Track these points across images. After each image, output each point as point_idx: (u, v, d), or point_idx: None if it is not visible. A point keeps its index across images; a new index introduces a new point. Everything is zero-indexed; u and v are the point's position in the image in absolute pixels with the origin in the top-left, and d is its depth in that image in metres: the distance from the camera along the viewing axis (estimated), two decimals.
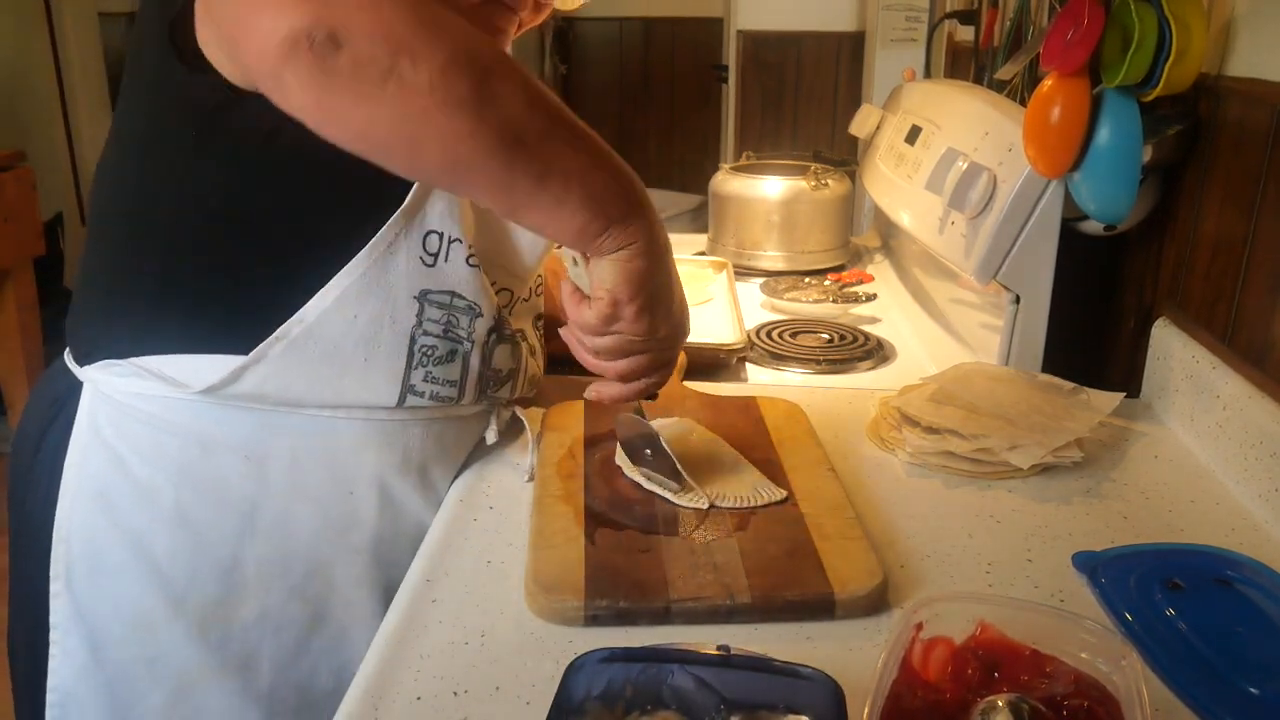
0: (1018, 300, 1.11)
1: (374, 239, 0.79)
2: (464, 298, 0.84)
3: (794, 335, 1.38)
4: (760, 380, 1.25)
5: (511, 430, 0.97)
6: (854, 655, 0.68)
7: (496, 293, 0.89)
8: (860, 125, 1.71)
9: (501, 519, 0.86)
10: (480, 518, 0.86)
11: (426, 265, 0.81)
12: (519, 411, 0.97)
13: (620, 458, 0.90)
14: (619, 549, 0.77)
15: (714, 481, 0.86)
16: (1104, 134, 1.00)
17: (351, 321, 0.79)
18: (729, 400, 1.05)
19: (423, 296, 0.82)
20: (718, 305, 1.47)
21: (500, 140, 0.65)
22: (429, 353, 0.83)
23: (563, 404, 1.03)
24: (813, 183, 1.66)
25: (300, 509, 0.84)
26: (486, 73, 0.64)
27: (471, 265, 0.83)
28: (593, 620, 0.71)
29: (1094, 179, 1.02)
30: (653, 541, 0.78)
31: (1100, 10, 0.98)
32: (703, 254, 1.76)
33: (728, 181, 1.73)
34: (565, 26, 3.76)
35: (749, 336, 1.33)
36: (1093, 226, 1.12)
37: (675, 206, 3.69)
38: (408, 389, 0.83)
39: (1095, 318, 1.27)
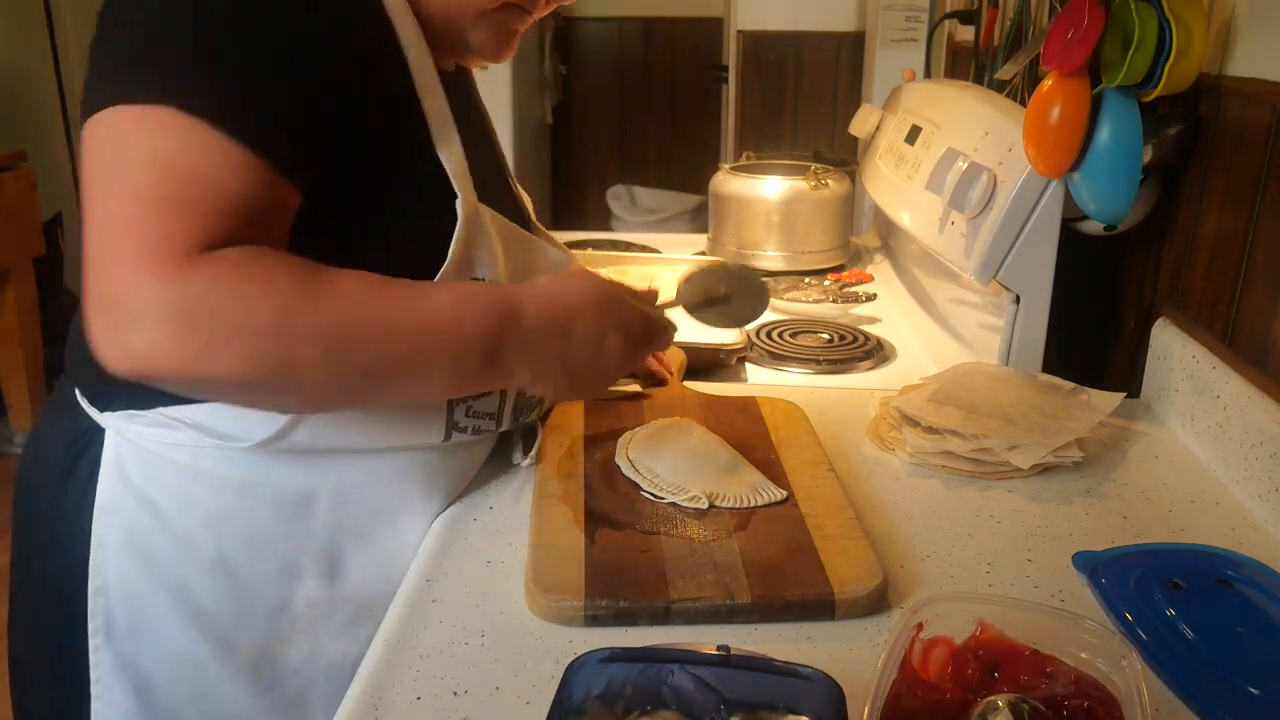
0: (1018, 300, 1.11)
1: None
2: None
3: (794, 335, 1.38)
4: (760, 380, 1.25)
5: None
6: (854, 655, 0.68)
7: None
8: (860, 125, 1.71)
9: (501, 519, 0.86)
10: (480, 518, 0.86)
11: None
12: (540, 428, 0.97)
13: (620, 458, 0.90)
14: (619, 549, 0.77)
15: (714, 481, 0.86)
16: (1104, 134, 1.00)
17: None
18: (729, 400, 1.05)
19: None
20: None
21: (326, 394, 0.68)
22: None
23: (563, 404, 1.03)
24: (813, 183, 1.66)
25: (346, 546, 0.83)
26: (287, 357, 0.63)
27: None
28: (593, 620, 0.71)
29: (1094, 179, 1.02)
30: (653, 541, 0.78)
31: (1100, 10, 0.98)
32: (703, 254, 1.76)
33: (728, 181, 1.73)
34: (565, 26, 3.75)
35: (749, 336, 1.33)
36: (1093, 226, 1.12)
37: (675, 206, 3.70)
38: (452, 426, 0.83)
39: (1095, 318, 1.27)
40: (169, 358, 0.60)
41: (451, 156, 0.78)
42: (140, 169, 0.62)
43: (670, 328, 0.84)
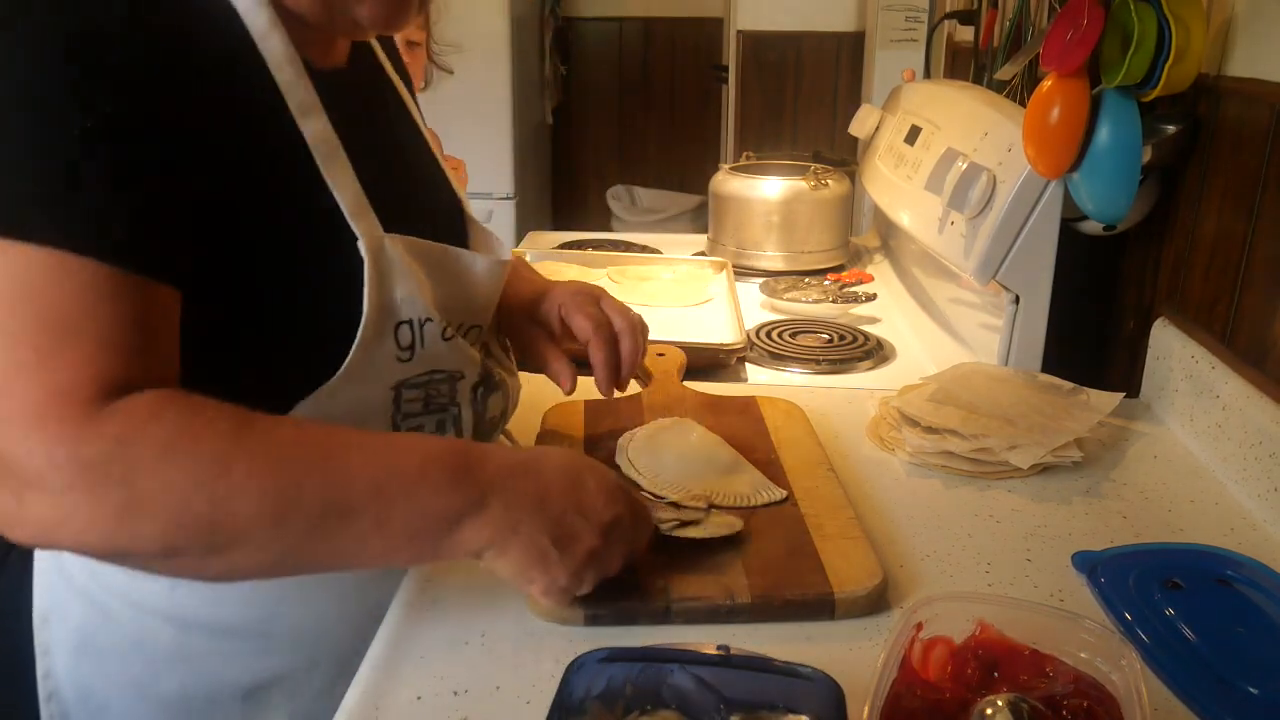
0: (1017, 300, 1.11)
1: (344, 368, 0.70)
2: (443, 370, 0.77)
3: (794, 335, 1.38)
4: (760, 380, 1.25)
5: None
6: (854, 655, 0.68)
7: (466, 333, 0.81)
8: (860, 125, 1.71)
9: None
10: None
11: (403, 361, 0.73)
12: (509, 437, 0.94)
13: (621, 458, 0.90)
14: None
15: (714, 481, 0.86)
16: (1104, 134, 1.00)
17: None
18: (729, 400, 1.05)
19: (399, 387, 0.74)
20: (718, 305, 1.48)
21: (259, 561, 0.60)
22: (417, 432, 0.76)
23: (563, 404, 1.03)
24: (813, 183, 1.66)
25: (318, 608, 0.78)
26: (216, 519, 0.57)
27: (447, 338, 0.76)
28: (593, 620, 0.71)
29: (1093, 179, 1.02)
30: (653, 541, 0.78)
31: (1100, 10, 0.98)
32: (703, 254, 1.76)
33: (728, 181, 1.73)
34: (565, 26, 3.75)
35: (749, 336, 1.33)
36: (1092, 226, 1.12)
37: (675, 206, 3.69)
38: None
39: (1095, 318, 1.27)
40: (81, 528, 0.54)
41: (344, 189, 0.70)
42: (6, 314, 0.56)
43: (648, 523, 0.73)
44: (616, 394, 0.96)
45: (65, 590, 0.77)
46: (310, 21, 0.71)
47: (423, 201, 0.85)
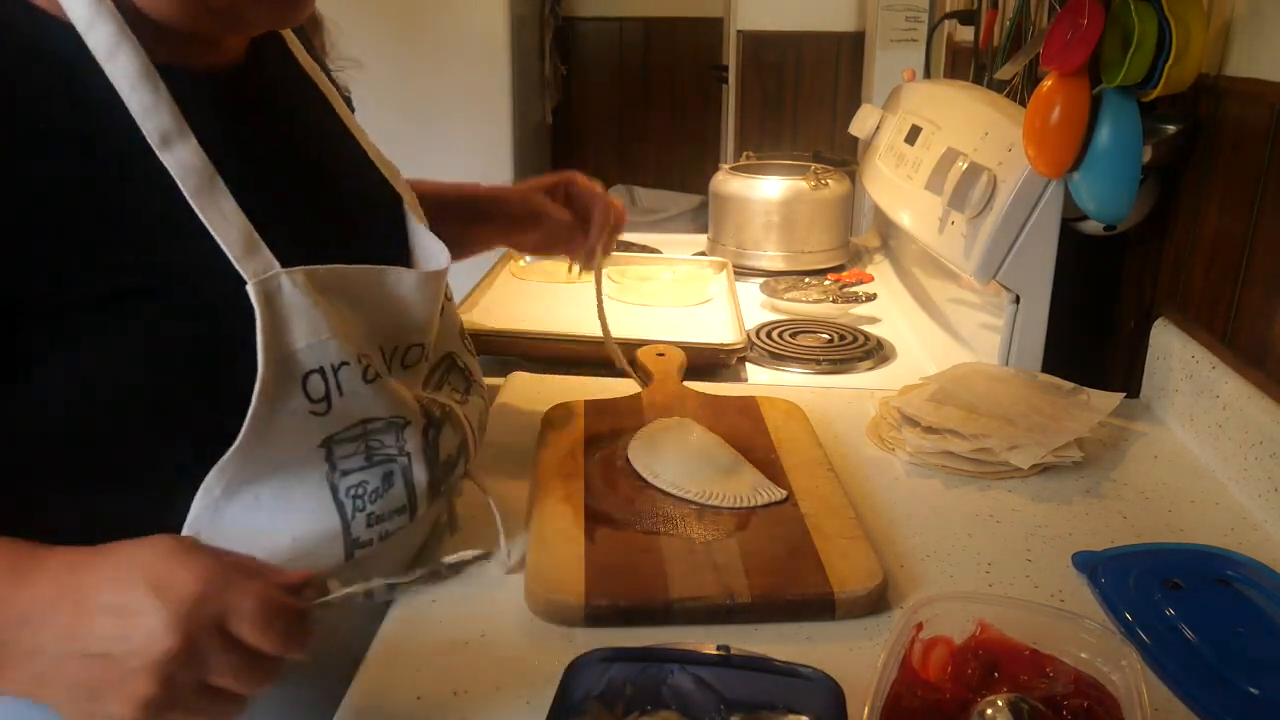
0: (1017, 300, 1.11)
1: (241, 437, 0.62)
2: (379, 418, 0.68)
3: (794, 335, 1.38)
4: (760, 380, 1.25)
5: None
6: (854, 655, 0.68)
7: (405, 354, 0.73)
8: (860, 125, 1.71)
9: (501, 519, 0.86)
10: (480, 517, 0.86)
11: (319, 415, 0.65)
12: (477, 485, 0.83)
13: (635, 453, 0.90)
14: (619, 549, 0.77)
15: (714, 481, 0.86)
16: (1104, 134, 1.00)
17: (254, 507, 0.64)
18: (729, 400, 1.05)
19: (327, 442, 0.66)
20: (718, 305, 1.48)
21: None
22: (360, 492, 0.68)
23: (563, 404, 1.03)
24: (813, 183, 1.66)
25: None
26: None
27: (370, 380, 0.67)
28: (593, 620, 0.71)
29: (1094, 179, 1.02)
30: (653, 541, 0.78)
31: (1100, 10, 0.98)
32: (703, 254, 1.76)
33: (728, 181, 1.73)
34: (565, 26, 3.75)
35: (749, 336, 1.33)
36: (1092, 226, 1.12)
37: (675, 206, 3.69)
38: (353, 545, 0.68)
39: (1095, 318, 1.27)
40: None
41: (225, 224, 0.61)
42: None
43: (294, 632, 0.53)
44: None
45: None
46: (180, 29, 0.63)
47: (349, 210, 0.76)
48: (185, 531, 0.62)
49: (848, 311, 1.48)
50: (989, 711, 0.55)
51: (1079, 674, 0.59)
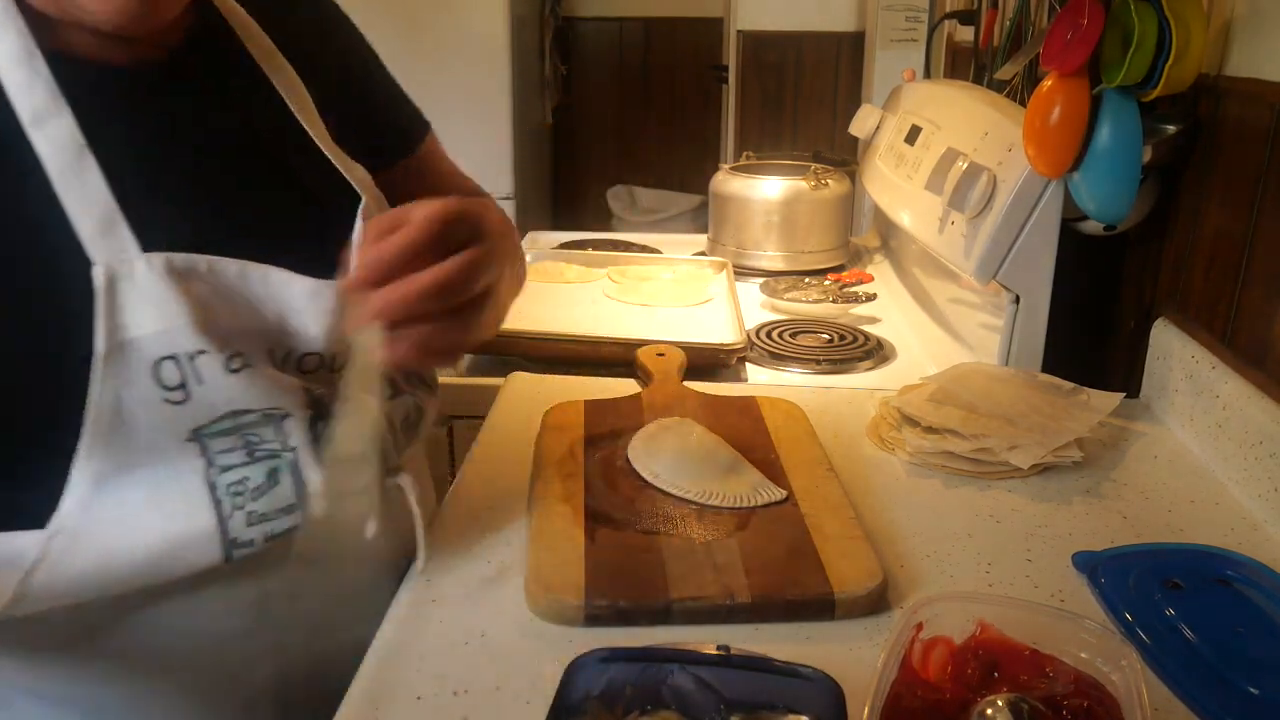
0: (1017, 300, 1.12)
1: (88, 423, 0.60)
2: (252, 410, 0.65)
3: (794, 335, 1.38)
4: (760, 380, 1.25)
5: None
6: (854, 655, 0.68)
7: (300, 361, 0.70)
8: (860, 125, 1.71)
9: (501, 519, 0.86)
10: (480, 517, 0.86)
11: (176, 404, 0.62)
12: (400, 481, 0.75)
13: (635, 453, 0.90)
14: (619, 549, 0.77)
15: (714, 481, 0.86)
16: (1104, 134, 1.00)
17: (123, 502, 0.62)
18: (729, 400, 1.05)
19: (197, 435, 0.64)
20: (718, 305, 1.48)
21: None
22: (240, 489, 0.65)
23: (563, 404, 1.03)
24: (813, 183, 1.66)
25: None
26: None
27: (234, 370, 0.64)
28: (593, 620, 0.71)
29: (1094, 179, 1.02)
30: (653, 541, 0.78)
31: (1100, 10, 0.98)
32: (703, 254, 1.76)
33: (728, 181, 1.73)
34: (565, 26, 3.76)
35: (749, 336, 1.33)
36: (1092, 226, 1.12)
37: (675, 206, 3.69)
38: (231, 545, 0.65)
39: (1095, 318, 1.27)
40: None
41: (85, 204, 0.60)
42: None
43: None
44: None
45: None
46: (53, 17, 0.62)
47: (268, 208, 0.72)
48: (54, 526, 0.61)
49: (848, 311, 1.48)
50: (989, 711, 0.55)
51: (1079, 674, 0.59)
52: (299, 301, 0.69)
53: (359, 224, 0.73)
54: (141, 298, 0.61)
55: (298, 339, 0.69)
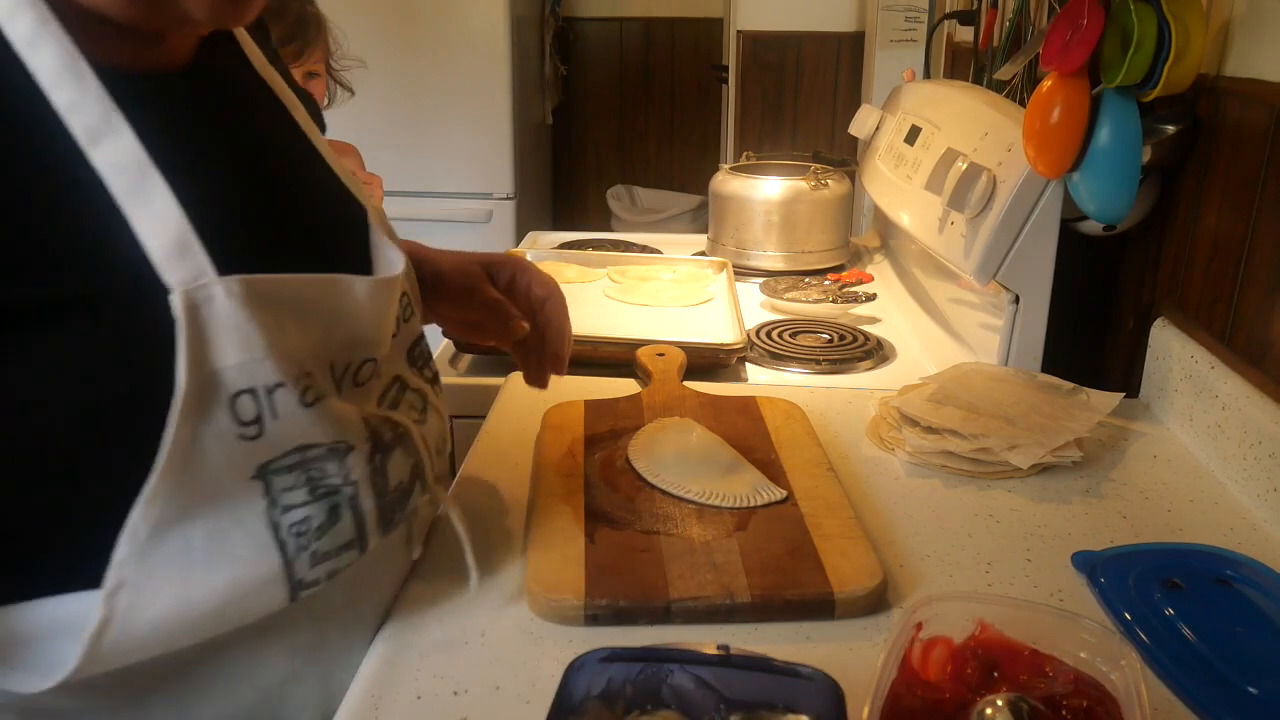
0: (1017, 300, 1.12)
1: (162, 461, 0.55)
2: (319, 444, 0.61)
3: (794, 335, 1.38)
4: (760, 380, 1.25)
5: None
6: (854, 655, 0.68)
7: (358, 370, 0.67)
8: (860, 125, 1.71)
9: (501, 519, 0.86)
10: (480, 517, 0.86)
11: (249, 439, 0.58)
12: (446, 510, 0.77)
13: (635, 453, 0.90)
14: (619, 549, 0.77)
15: (714, 481, 0.86)
16: (1104, 134, 1.00)
17: (185, 550, 0.58)
18: (729, 400, 1.05)
19: (263, 473, 0.59)
20: (718, 305, 1.48)
21: None
22: (304, 529, 0.61)
23: (562, 404, 1.03)
24: (813, 183, 1.66)
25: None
26: None
27: (310, 404, 0.60)
28: (593, 620, 0.71)
29: (1093, 179, 1.02)
30: (653, 541, 0.78)
31: (1100, 10, 0.98)
32: (703, 254, 1.76)
33: (728, 181, 1.73)
34: (565, 27, 3.76)
35: (749, 336, 1.33)
36: (1092, 226, 1.12)
37: (675, 206, 3.70)
38: (296, 586, 0.62)
39: (1095, 318, 1.27)
40: None
41: (156, 225, 0.55)
42: None
43: None
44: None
45: None
46: (118, 20, 0.57)
47: (308, 219, 0.71)
48: (112, 582, 0.56)
49: (848, 311, 1.48)
50: (989, 711, 0.55)
51: (1079, 674, 0.59)
52: (361, 304, 0.66)
53: (376, 233, 0.73)
54: (221, 326, 0.56)
55: (356, 347, 0.67)
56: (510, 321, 0.88)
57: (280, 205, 0.68)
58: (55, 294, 0.53)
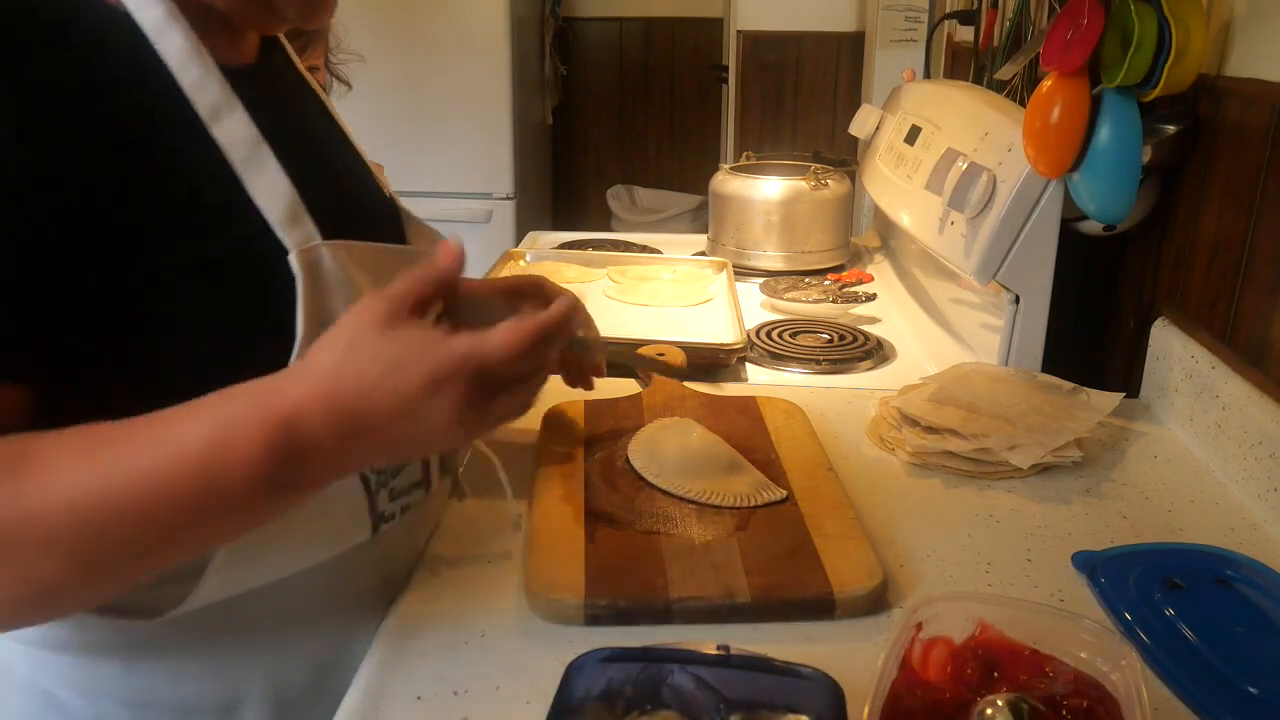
0: (1017, 300, 1.12)
1: None
2: None
3: (794, 335, 1.38)
4: (760, 380, 1.25)
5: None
6: (854, 655, 0.68)
7: None
8: (860, 125, 1.71)
9: (501, 519, 0.86)
10: (480, 517, 0.86)
11: None
12: (482, 450, 0.84)
13: (635, 453, 0.90)
14: (619, 549, 0.77)
15: (714, 481, 0.86)
16: (1104, 134, 1.00)
17: None
18: (729, 400, 1.05)
19: None
20: (718, 305, 1.47)
21: (95, 591, 0.56)
22: (382, 468, 0.70)
23: (563, 403, 1.03)
24: (813, 183, 1.66)
25: (286, 672, 0.72)
26: (40, 605, 0.54)
27: None
28: (593, 620, 0.71)
29: (1094, 179, 1.02)
30: (653, 541, 0.78)
31: (1100, 10, 0.98)
32: (703, 254, 1.76)
33: (728, 181, 1.73)
34: (565, 27, 3.76)
35: (749, 336, 1.33)
36: (1092, 226, 1.12)
37: (675, 206, 3.69)
38: (378, 519, 0.70)
39: (1095, 318, 1.27)
40: None
41: (272, 195, 0.62)
42: None
43: (515, 358, 0.59)
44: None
45: (3, 687, 0.72)
46: (224, 13, 0.64)
47: (359, 200, 0.78)
48: None
49: (848, 311, 1.48)
50: (989, 711, 0.55)
51: (1079, 674, 0.59)
52: None
53: (409, 216, 0.82)
54: (330, 282, 0.63)
55: None
56: (588, 377, 0.92)
57: (341, 185, 0.76)
58: (199, 253, 0.60)
